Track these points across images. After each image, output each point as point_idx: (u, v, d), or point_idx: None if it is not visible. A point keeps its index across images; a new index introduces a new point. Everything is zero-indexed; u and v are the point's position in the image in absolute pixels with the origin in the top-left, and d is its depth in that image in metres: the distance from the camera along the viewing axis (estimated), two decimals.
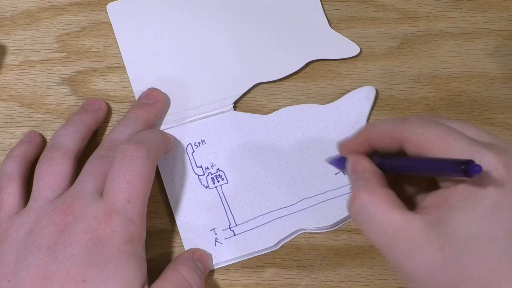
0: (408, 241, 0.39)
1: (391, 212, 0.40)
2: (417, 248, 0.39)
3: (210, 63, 0.55)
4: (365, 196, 0.41)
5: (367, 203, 0.41)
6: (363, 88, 0.54)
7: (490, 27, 0.56)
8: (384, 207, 0.41)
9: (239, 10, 0.55)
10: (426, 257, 0.39)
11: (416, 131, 0.41)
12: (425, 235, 0.39)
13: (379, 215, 0.41)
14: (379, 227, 0.41)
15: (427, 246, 0.39)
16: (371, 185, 0.42)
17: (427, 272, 0.39)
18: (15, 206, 0.48)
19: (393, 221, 0.40)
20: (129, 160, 0.46)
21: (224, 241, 0.51)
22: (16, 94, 0.54)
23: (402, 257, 0.40)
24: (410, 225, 0.40)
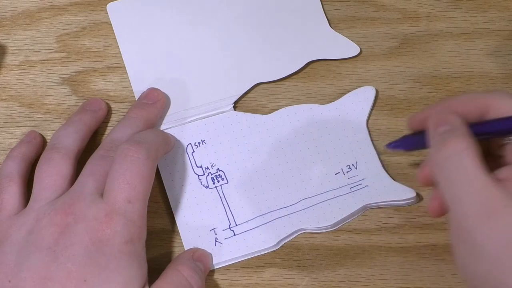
0: (489, 203, 0.38)
1: (482, 169, 0.39)
2: (496, 213, 0.38)
3: (210, 63, 0.55)
4: (462, 144, 0.40)
5: (464, 152, 0.39)
6: (363, 88, 0.54)
7: (490, 27, 0.56)
8: (476, 162, 0.39)
9: (239, 10, 0.56)
10: (501, 225, 0.37)
11: (502, 99, 0.41)
12: (506, 203, 0.38)
13: (469, 167, 0.39)
14: (465, 179, 0.39)
15: (505, 215, 0.37)
16: (467, 137, 0.40)
17: (497, 241, 0.37)
18: (15, 207, 0.48)
19: (481, 178, 0.39)
20: (129, 160, 0.46)
21: (224, 241, 0.51)
22: (16, 94, 0.54)
23: (477, 218, 0.38)
24: (494, 188, 0.38)
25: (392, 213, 0.52)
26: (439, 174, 0.41)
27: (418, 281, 0.51)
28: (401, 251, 0.51)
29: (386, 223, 0.52)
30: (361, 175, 0.52)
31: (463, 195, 0.39)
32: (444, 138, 0.41)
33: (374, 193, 0.51)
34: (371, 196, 0.51)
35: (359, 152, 0.53)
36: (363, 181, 0.52)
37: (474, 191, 0.39)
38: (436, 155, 0.41)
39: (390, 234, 0.52)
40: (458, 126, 0.41)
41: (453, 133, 0.41)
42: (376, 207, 0.52)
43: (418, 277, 0.51)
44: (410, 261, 0.51)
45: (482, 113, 0.42)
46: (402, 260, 0.51)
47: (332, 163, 0.52)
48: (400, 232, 0.52)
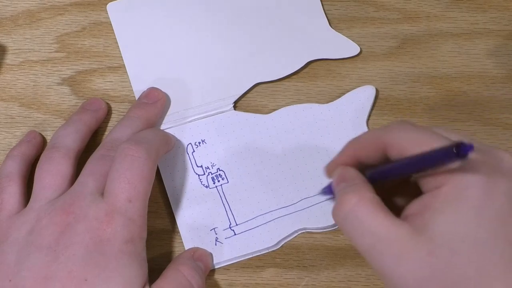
0: (397, 247, 0.39)
1: (381, 216, 0.40)
2: (405, 253, 0.39)
3: (210, 63, 0.55)
4: (354, 199, 0.41)
5: (356, 206, 0.41)
6: (363, 88, 0.54)
7: (490, 27, 0.56)
8: (374, 211, 0.40)
9: (239, 10, 0.56)
10: (414, 263, 0.38)
11: (398, 135, 0.41)
12: (413, 241, 0.39)
13: (368, 219, 0.40)
14: (368, 232, 0.40)
15: (415, 252, 0.38)
16: (360, 190, 0.41)
17: (416, 279, 0.39)
18: (15, 206, 0.48)
19: (382, 226, 0.40)
20: (129, 160, 0.46)
21: (225, 240, 0.51)
22: (16, 94, 0.54)
23: (390, 263, 0.39)
24: (398, 230, 0.39)
25: None
26: (344, 230, 0.41)
27: None
28: None
29: None
30: None
31: (371, 246, 0.40)
32: (340, 195, 0.42)
33: None
34: None
35: None
36: None
37: (380, 240, 0.39)
38: (337, 214, 0.41)
39: None
40: (354, 182, 0.42)
41: (349, 188, 0.42)
42: None
43: None
44: None
45: (384, 152, 0.42)
46: None
47: None
48: None
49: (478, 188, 0.39)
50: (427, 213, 0.39)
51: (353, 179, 0.43)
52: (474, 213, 0.38)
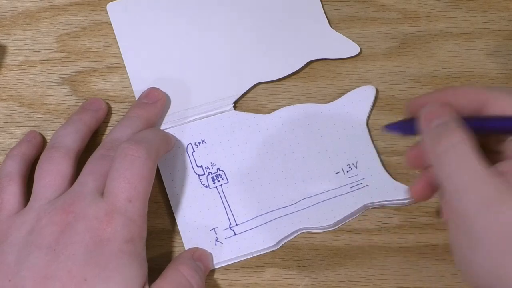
0: (487, 194, 0.38)
1: (478, 160, 0.39)
2: (494, 204, 0.38)
3: (210, 63, 0.55)
4: (456, 137, 0.40)
5: (461, 143, 0.39)
6: (363, 88, 0.54)
7: (490, 27, 0.56)
8: (472, 153, 0.39)
9: (239, 10, 0.56)
10: (500, 216, 0.37)
11: (502, 95, 0.41)
12: (504, 194, 0.38)
13: (466, 159, 0.39)
14: (463, 171, 0.39)
15: (503, 206, 0.37)
16: (461, 128, 0.40)
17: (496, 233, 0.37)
18: (15, 206, 0.48)
19: (478, 169, 0.39)
20: (129, 160, 0.46)
21: (225, 240, 0.51)
22: (16, 94, 0.54)
23: (477, 209, 0.38)
24: (492, 179, 0.38)
25: (392, 213, 0.52)
26: (437, 168, 0.40)
27: (418, 281, 0.51)
28: (401, 251, 0.51)
29: (386, 223, 0.52)
30: (361, 175, 0.52)
31: (463, 187, 0.39)
32: (439, 132, 0.41)
33: (374, 193, 0.51)
34: (371, 195, 0.51)
35: (359, 152, 0.53)
36: (363, 181, 0.52)
37: (474, 182, 0.38)
38: (433, 149, 0.41)
39: (390, 234, 0.52)
40: (452, 120, 0.41)
41: (449, 126, 0.41)
42: (376, 207, 0.52)
43: (418, 277, 0.51)
44: (410, 261, 0.51)
45: (479, 107, 0.42)
46: (402, 260, 0.51)
47: (332, 162, 0.52)
48: (400, 232, 0.52)
49: None
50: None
51: (452, 118, 0.41)
52: None
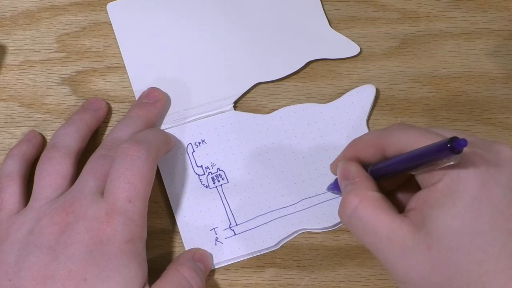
0: (399, 243, 0.40)
1: (382, 215, 0.41)
2: (407, 249, 0.40)
3: (210, 63, 0.55)
4: (356, 200, 0.42)
5: (358, 207, 0.42)
6: (364, 87, 0.54)
7: (490, 27, 0.56)
8: (375, 211, 0.42)
9: (239, 10, 0.56)
10: (416, 258, 0.40)
11: (396, 136, 0.43)
12: (413, 237, 0.40)
13: (370, 219, 0.42)
14: (371, 231, 0.42)
15: (416, 247, 0.40)
16: (361, 189, 0.43)
17: (418, 273, 0.40)
18: (15, 206, 0.48)
19: (383, 225, 0.41)
20: (130, 160, 0.46)
21: (225, 240, 0.51)
22: (16, 94, 0.54)
23: (394, 259, 0.41)
24: (399, 227, 0.41)
25: None
26: (351, 230, 0.43)
27: None
28: None
29: None
30: None
31: (376, 244, 0.42)
32: (343, 195, 0.44)
33: None
34: None
35: None
36: None
37: (383, 238, 0.41)
38: (342, 215, 0.43)
39: None
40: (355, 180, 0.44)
41: (351, 187, 0.44)
42: None
43: None
44: None
45: (383, 151, 0.44)
46: None
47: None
48: None
49: (474, 181, 0.39)
50: (425, 208, 0.40)
51: (354, 176, 0.44)
52: (471, 206, 0.39)
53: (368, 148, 0.45)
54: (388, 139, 0.43)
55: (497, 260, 0.38)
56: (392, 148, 0.43)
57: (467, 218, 0.39)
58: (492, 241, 0.39)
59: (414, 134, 0.42)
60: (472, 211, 0.39)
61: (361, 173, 0.44)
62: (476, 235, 0.39)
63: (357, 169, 0.45)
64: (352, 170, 0.45)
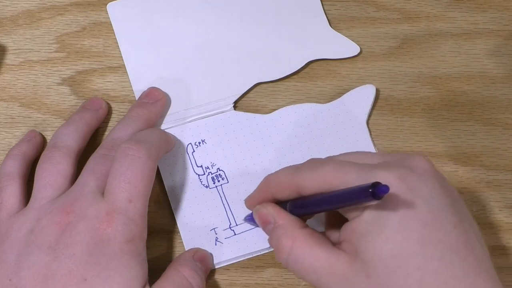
0: (338, 276, 0.41)
1: (318, 252, 0.42)
2: (347, 281, 0.40)
3: (210, 63, 0.55)
4: (289, 243, 0.43)
5: (293, 249, 0.42)
6: (364, 87, 0.54)
7: (490, 27, 0.56)
8: (310, 249, 0.42)
9: (239, 10, 0.56)
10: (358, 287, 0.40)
11: (308, 176, 0.43)
12: (351, 268, 0.40)
13: (307, 258, 0.42)
14: (310, 270, 0.42)
15: (355, 278, 0.40)
16: (291, 230, 0.43)
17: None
18: (15, 206, 0.48)
19: (321, 261, 0.41)
20: (130, 159, 0.46)
21: (225, 240, 0.51)
22: (16, 94, 0.54)
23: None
24: (336, 261, 0.41)
25: None
26: (292, 272, 0.43)
27: None
28: None
29: None
30: None
31: (317, 281, 0.42)
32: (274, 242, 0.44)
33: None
34: None
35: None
36: None
37: (322, 274, 0.41)
38: (280, 259, 0.44)
39: None
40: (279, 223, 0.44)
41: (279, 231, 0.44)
42: None
43: None
44: None
45: (298, 192, 0.44)
46: None
47: None
48: None
49: (397, 204, 0.40)
50: (354, 239, 0.41)
51: (277, 219, 0.44)
52: (398, 228, 0.39)
53: (283, 189, 0.45)
54: (301, 181, 0.43)
55: (436, 275, 0.39)
56: (307, 190, 0.43)
57: (397, 240, 0.39)
58: (428, 257, 0.39)
59: (330, 171, 0.42)
60: (401, 232, 0.39)
61: (282, 214, 0.44)
62: (411, 255, 0.39)
63: (276, 210, 0.45)
64: (271, 213, 0.45)
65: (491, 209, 0.53)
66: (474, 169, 0.53)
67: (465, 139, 0.54)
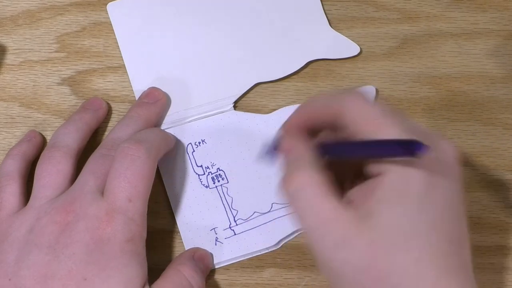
0: (340, 232, 0.39)
1: (327, 199, 0.40)
2: (347, 240, 0.39)
3: (210, 63, 0.55)
4: (303, 178, 0.41)
5: (305, 185, 0.41)
6: (363, 88, 0.54)
7: (490, 27, 0.56)
8: (320, 193, 0.40)
9: (239, 10, 0.56)
10: (355, 251, 0.39)
11: (351, 108, 0.42)
12: (356, 228, 0.39)
13: (315, 200, 0.40)
14: (314, 212, 0.40)
15: (357, 240, 0.39)
16: (309, 168, 0.41)
17: (354, 267, 0.39)
18: (15, 205, 0.48)
19: (327, 209, 0.40)
20: (130, 159, 0.46)
21: (225, 240, 0.51)
22: (16, 94, 0.54)
23: (331, 247, 0.40)
24: (343, 215, 0.40)
25: None
26: (291, 206, 0.42)
27: None
28: None
29: None
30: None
31: (314, 227, 0.40)
32: (290, 171, 0.42)
33: None
34: None
35: None
36: None
37: (324, 222, 0.40)
38: (285, 188, 0.42)
39: None
40: (303, 156, 0.42)
41: (299, 163, 0.42)
42: None
43: None
44: None
45: (336, 119, 0.42)
46: None
47: None
48: None
49: (420, 182, 0.39)
50: (371, 201, 0.40)
51: (302, 153, 0.42)
52: (416, 206, 0.39)
53: (320, 112, 0.43)
54: (341, 108, 0.42)
55: (430, 259, 0.39)
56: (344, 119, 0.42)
57: (411, 217, 0.39)
58: (431, 242, 0.39)
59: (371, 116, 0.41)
60: (417, 210, 0.39)
61: (309, 153, 0.42)
62: (417, 235, 0.39)
63: (306, 146, 0.43)
64: (300, 147, 0.43)
65: (491, 209, 0.53)
66: (474, 169, 0.53)
67: (465, 139, 0.54)
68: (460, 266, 0.40)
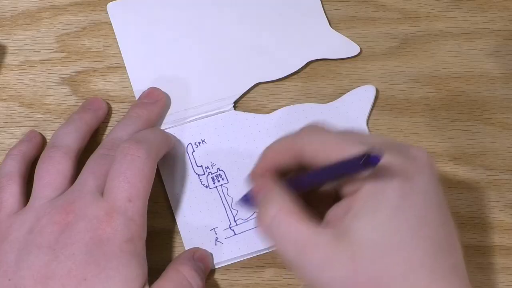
0: (319, 254, 0.40)
1: (302, 225, 0.41)
2: (328, 260, 0.39)
3: (210, 63, 0.55)
4: (275, 209, 0.41)
5: (277, 216, 0.41)
6: (363, 87, 0.54)
7: (490, 27, 0.56)
8: (294, 220, 0.41)
9: (239, 10, 0.56)
10: (338, 269, 0.39)
11: (308, 142, 0.42)
12: (334, 247, 0.39)
13: (290, 227, 0.41)
14: (290, 241, 0.41)
15: (337, 258, 0.39)
16: (280, 199, 0.42)
17: (342, 283, 0.39)
18: (15, 205, 0.48)
19: (303, 234, 0.40)
20: (129, 159, 0.46)
21: (225, 240, 0.51)
22: (16, 94, 0.54)
23: (314, 271, 0.40)
24: (320, 237, 0.40)
25: None
26: (270, 240, 0.42)
27: None
28: None
29: None
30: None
31: (294, 255, 0.41)
32: (263, 207, 0.42)
33: None
34: None
35: None
36: None
37: (303, 248, 0.40)
38: (261, 224, 0.42)
39: None
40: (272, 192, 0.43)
41: (269, 199, 0.42)
42: None
43: None
44: None
45: (299, 158, 0.43)
46: None
47: None
48: None
49: (394, 190, 0.39)
50: (347, 218, 0.40)
51: (271, 189, 0.43)
52: (392, 217, 0.39)
53: (283, 154, 0.44)
54: (300, 145, 0.43)
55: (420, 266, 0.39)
56: (305, 156, 0.42)
57: (388, 229, 0.39)
58: (415, 248, 0.39)
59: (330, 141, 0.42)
60: (394, 221, 0.39)
61: (278, 185, 0.43)
62: (400, 246, 0.39)
63: (274, 182, 0.44)
64: (269, 183, 0.44)
65: (491, 209, 0.53)
66: (474, 169, 0.53)
67: (465, 139, 0.54)
68: (451, 266, 0.40)
